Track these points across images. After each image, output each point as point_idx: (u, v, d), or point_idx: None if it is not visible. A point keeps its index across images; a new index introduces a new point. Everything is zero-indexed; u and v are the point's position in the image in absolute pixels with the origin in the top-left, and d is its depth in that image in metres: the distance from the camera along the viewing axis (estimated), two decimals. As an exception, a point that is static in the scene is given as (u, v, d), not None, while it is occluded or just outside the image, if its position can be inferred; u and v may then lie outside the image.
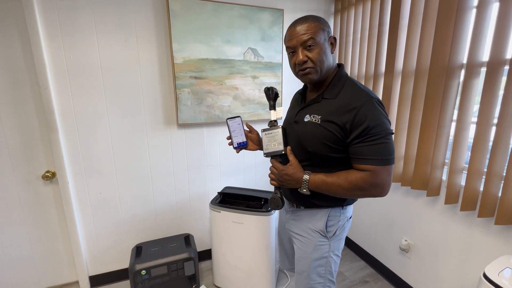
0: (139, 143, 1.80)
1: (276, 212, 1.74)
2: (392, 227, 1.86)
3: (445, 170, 1.50)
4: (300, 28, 0.89)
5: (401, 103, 1.63)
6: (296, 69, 0.94)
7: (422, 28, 1.45)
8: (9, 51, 1.49)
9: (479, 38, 1.23)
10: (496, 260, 1.10)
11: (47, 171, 1.66)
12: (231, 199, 1.88)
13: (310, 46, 0.88)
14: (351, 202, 1.04)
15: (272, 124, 1.03)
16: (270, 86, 1.11)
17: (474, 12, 1.25)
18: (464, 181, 1.34)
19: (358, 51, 1.97)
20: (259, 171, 2.20)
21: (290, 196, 1.07)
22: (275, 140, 1.00)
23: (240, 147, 1.15)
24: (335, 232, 1.03)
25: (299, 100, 1.07)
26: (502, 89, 1.18)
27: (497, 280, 0.99)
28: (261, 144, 1.18)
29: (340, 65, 0.99)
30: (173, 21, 1.67)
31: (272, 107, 1.07)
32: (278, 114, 1.06)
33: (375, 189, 0.87)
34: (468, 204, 1.32)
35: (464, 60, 1.32)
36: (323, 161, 0.94)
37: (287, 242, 1.28)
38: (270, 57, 1.98)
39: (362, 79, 1.95)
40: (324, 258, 1.03)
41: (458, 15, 1.29)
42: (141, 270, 1.60)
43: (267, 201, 1.80)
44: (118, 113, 1.72)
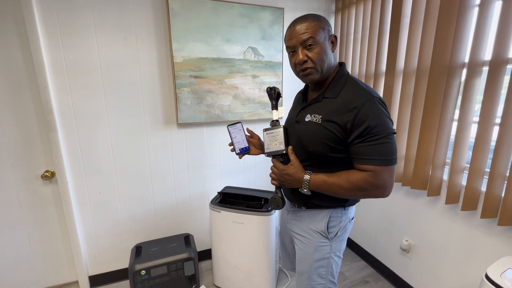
0: (139, 142, 1.80)
1: (276, 212, 1.73)
2: (393, 227, 1.85)
3: (445, 170, 1.49)
4: (299, 28, 0.88)
5: (402, 103, 1.62)
6: (297, 69, 0.93)
7: (423, 26, 1.44)
8: (8, 51, 1.48)
9: (481, 36, 1.22)
10: (498, 261, 1.09)
11: (46, 171, 1.65)
12: (231, 199, 1.87)
13: (310, 45, 0.88)
14: (353, 203, 1.03)
15: (274, 123, 1.03)
16: (272, 86, 1.10)
17: (476, 10, 1.24)
18: (465, 181, 1.33)
19: (359, 50, 1.96)
20: (259, 170, 2.19)
21: (291, 196, 1.07)
22: (277, 139, 0.99)
23: (243, 152, 1.15)
24: (337, 233, 1.02)
25: (301, 99, 1.06)
26: (504, 88, 1.17)
27: (499, 281, 0.98)
28: (263, 148, 1.18)
29: (341, 63, 0.98)
30: (172, 20, 1.66)
31: (274, 106, 1.06)
32: (280, 114, 1.05)
33: (377, 189, 0.86)
34: (469, 204, 1.31)
35: (466, 59, 1.31)
36: (324, 161, 0.94)
37: (289, 242, 1.27)
38: (270, 56, 1.97)
39: (363, 79, 1.94)
40: (325, 259, 1.03)
41: (460, 14, 1.28)
42: (140, 270, 1.59)
43: (267, 201, 1.79)
44: (118, 112, 1.71)
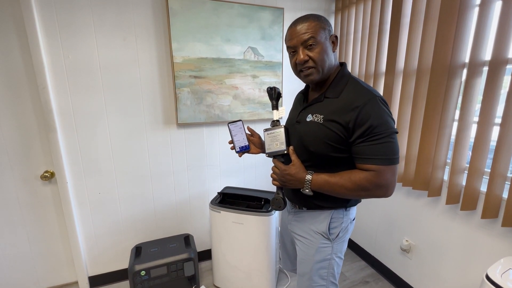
0: (139, 142, 1.79)
1: (276, 212, 1.73)
2: (393, 227, 1.85)
3: (446, 170, 1.49)
4: (300, 28, 0.88)
5: (402, 103, 1.62)
6: (297, 68, 0.93)
7: (423, 26, 1.44)
8: (7, 51, 1.47)
9: (481, 36, 1.22)
10: (498, 261, 1.09)
11: (46, 171, 1.65)
12: (231, 199, 1.87)
13: (311, 45, 0.87)
14: (354, 203, 1.03)
15: (275, 123, 1.02)
16: (273, 86, 1.10)
17: (476, 10, 1.24)
18: (465, 181, 1.33)
19: (359, 50, 1.96)
20: (259, 171, 2.19)
21: (293, 196, 1.06)
22: (278, 139, 0.98)
23: (243, 151, 1.14)
24: (338, 234, 1.02)
25: (302, 99, 1.06)
26: (504, 88, 1.17)
27: (500, 282, 0.98)
28: (263, 147, 1.17)
29: (342, 63, 0.98)
30: (172, 20, 1.65)
31: (275, 106, 1.06)
32: (281, 114, 1.04)
33: (380, 189, 0.86)
34: (468, 204, 1.31)
35: (466, 59, 1.31)
36: (325, 161, 0.93)
37: (289, 243, 1.27)
38: (270, 56, 1.96)
39: (363, 78, 1.94)
40: (327, 260, 1.02)
41: (460, 14, 1.28)
42: (140, 270, 1.59)
43: (267, 201, 1.79)
44: (117, 112, 1.70)
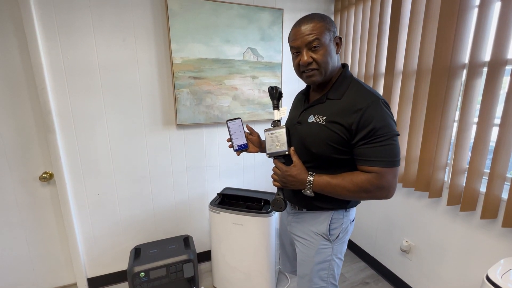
0: (138, 143, 1.79)
1: (276, 213, 1.72)
2: (393, 228, 1.85)
3: (447, 171, 1.48)
4: (305, 28, 0.87)
5: (401, 103, 1.62)
6: (300, 69, 0.92)
7: (423, 27, 1.44)
8: (5, 52, 1.47)
9: (481, 37, 1.22)
10: (499, 262, 1.09)
11: (45, 173, 1.64)
12: (231, 200, 1.86)
13: (315, 47, 0.86)
14: (354, 204, 1.03)
15: (276, 124, 1.01)
16: (274, 85, 1.09)
17: (475, 11, 1.24)
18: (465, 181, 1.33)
19: (358, 51, 1.96)
20: (258, 171, 2.18)
21: (293, 198, 1.06)
22: (279, 140, 0.98)
23: (241, 149, 1.13)
24: (338, 235, 1.01)
25: (302, 100, 1.05)
26: (503, 89, 1.17)
27: (500, 283, 0.98)
28: (262, 146, 1.16)
29: (344, 65, 0.98)
30: (171, 20, 1.65)
31: (276, 106, 1.05)
32: (282, 114, 1.03)
33: (381, 191, 0.86)
34: (468, 205, 1.31)
35: (466, 60, 1.31)
36: (327, 162, 0.93)
37: (289, 244, 1.27)
38: (269, 57, 1.96)
39: (362, 79, 1.94)
40: (327, 261, 1.02)
41: (459, 15, 1.28)
42: (139, 272, 1.58)
43: (267, 202, 1.78)
44: (117, 113, 1.70)
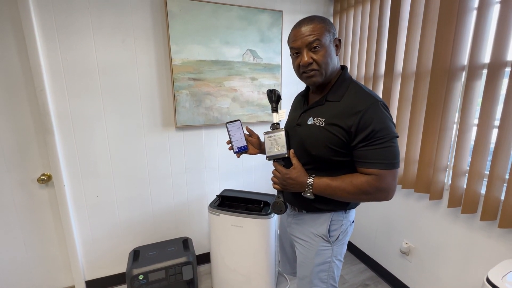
0: (137, 145, 1.78)
1: (276, 215, 1.72)
2: (393, 229, 1.85)
3: (447, 173, 1.48)
4: (305, 29, 0.87)
5: (401, 105, 1.62)
6: (300, 70, 0.92)
7: (422, 29, 1.44)
8: (4, 53, 1.46)
9: (480, 40, 1.22)
10: (499, 264, 1.09)
11: (43, 174, 1.63)
12: (230, 202, 1.86)
13: (315, 47, 0.87)
14: (354, 205, 1.03)
15: (275, 126, 1.02)
16: (273, 88, 1.09)
17: (474, 13, 1.25)
18: (466, 183, 1.33)
19: (358, 53, 1.97)
20: (258, 173, 2.18)
21: (292, 199, 1.06)
22: (278, 143, 0.98)
23: (241, 151, 1.13)
24: (338, 236, 1.01)
25: (302, 102, 1.05)
26: (503, 90, 1.18)
27: (500, 285, 0.98)
28: (261, 148, 1.16)
29: (343, 67, 0.98)
30: (171, 22, 1.65)
31: (275, 109, 1.05)
32: (281, 117, 1.04)
33: (381, 193, 0.86)
34: (469, 207, 1.31)
35: (466, 62, 1.32)
36: (326, 164, 0.93)
37: (289, 246, 1.26)
38: (269, 58, 1.96)
39: (362, 81, 1.94)
40: (327, 263, 1.02)
41: (459, 17, 1.28)
42: (138, 274, 1.57)
43: (267, 204, 1.78)
44: (116, 115, 1.69)
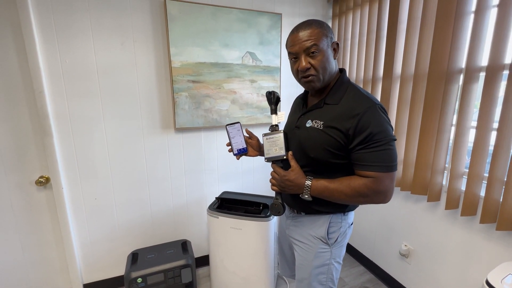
0: (136, 147, 1.78)
1: (275, 218, 1.72)
2: (392, 232, 1.85)
3: (445, 175, 1.49)
4: (303, 34, 0.87)
5: (399, 107, 1.63)
6: (299, 75, 0.93)
7: (420, 32, 1.45)
8: (3, 55, 1.46)
9: (477, 43, 1.23)
10: (498, 267, 1.09)
11: (41, 177, 1.62)
12: (229, 204, 1.86)
13: (313, 52, 0.87)
14: (352, 208, 1.03)
15: (274, 128, 1.02)
16: (272, 90, 1.09)
17: (472, 17, 1.25)
18: (464, 186, 1.33)
19: (356, 56, 1.98)
20: (257, 175, 2.18)
21: (291, 202, 1.06)
22: (277, 145, 0.98)
23: (240, 153, 1.13)
24: (337, 238, 1.01)
25: (301, 105, 1.06)
26: (501, 93, 1.18)
27: (499, 287, 0.98)
28: (261, 150, 1.17)
29: (342, 70, 0.98)
30: (171, 24, 1.66)
31: (274, 111, 1.06)
32: (280, 119, 1.04)
33: (378, 195, 0.86)
34: (469, 209, 1.31)
35: (463, 65, 1.33)
36: (324, 167, 0.93)
37: (287, 248, 1.26)
38: (268, 61, 1.97)
39: (360, 84, 1.95)
40: (326, 265, 1.02)
41: (456, 20, 1.29)
42: (137, 277, 1.56)
43: (266, 206, 1.77)
44: (115, 117, 1.69)
